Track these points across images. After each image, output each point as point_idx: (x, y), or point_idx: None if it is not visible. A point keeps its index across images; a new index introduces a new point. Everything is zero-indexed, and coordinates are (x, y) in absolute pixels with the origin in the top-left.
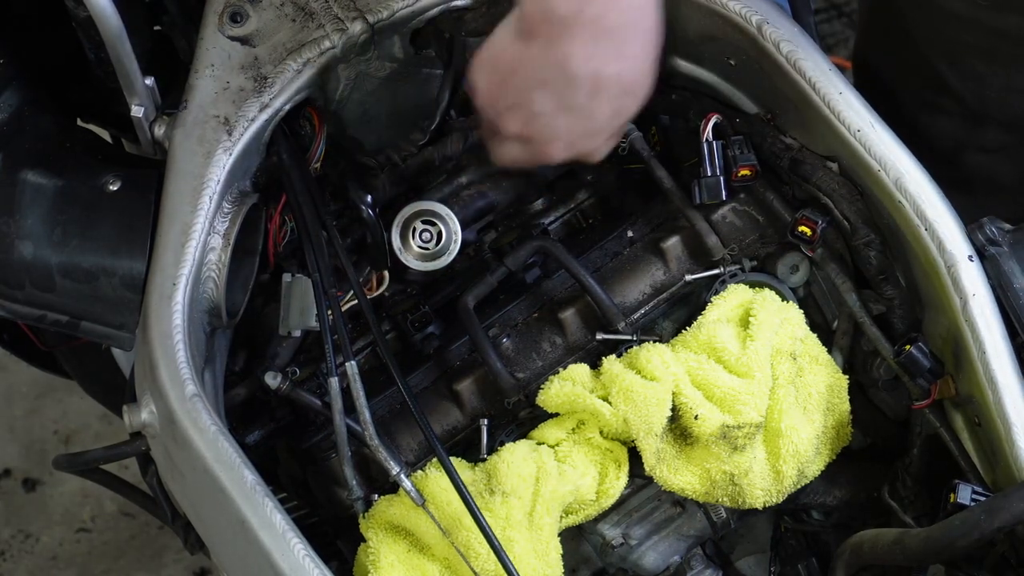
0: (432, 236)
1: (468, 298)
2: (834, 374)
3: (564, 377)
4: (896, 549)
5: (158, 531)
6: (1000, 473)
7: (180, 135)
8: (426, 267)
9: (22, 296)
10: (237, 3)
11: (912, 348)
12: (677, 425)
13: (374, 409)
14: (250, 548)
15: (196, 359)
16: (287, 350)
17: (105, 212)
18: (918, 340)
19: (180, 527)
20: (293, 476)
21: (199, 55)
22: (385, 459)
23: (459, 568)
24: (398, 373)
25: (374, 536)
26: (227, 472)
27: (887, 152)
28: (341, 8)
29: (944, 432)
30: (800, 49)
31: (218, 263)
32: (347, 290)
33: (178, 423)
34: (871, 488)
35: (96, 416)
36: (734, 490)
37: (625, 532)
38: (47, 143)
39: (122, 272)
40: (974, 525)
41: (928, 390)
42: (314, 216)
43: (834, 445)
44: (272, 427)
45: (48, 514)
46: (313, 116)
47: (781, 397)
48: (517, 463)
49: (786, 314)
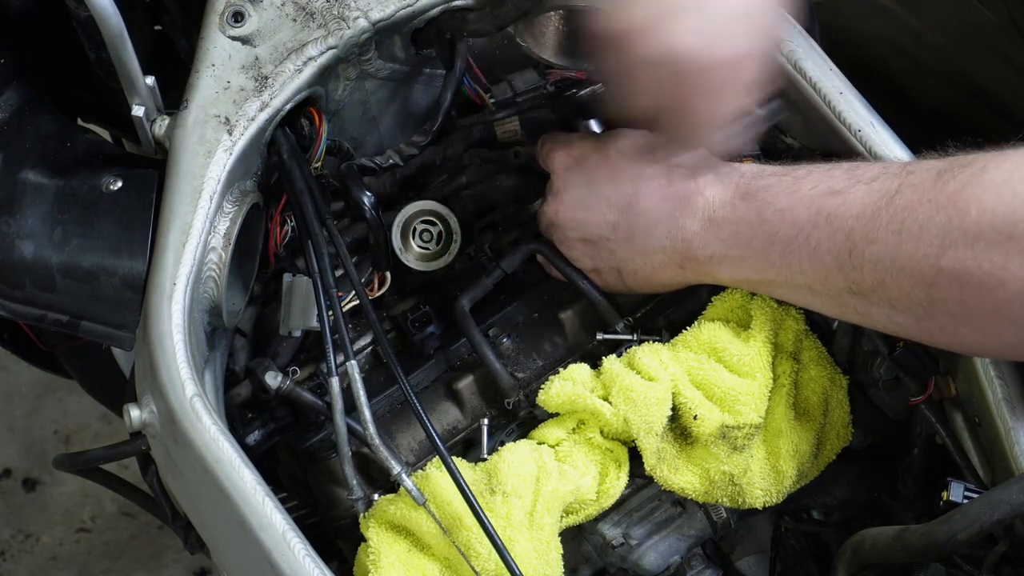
0: (432, 236)
1: (464, 300)
2: (834, 374)
3: (564, 377)
4: (896, 546)
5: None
6: (1000, 473)
7: (181, 135)
8: (426, 267)
9: (22, 296)
10: (238, 3)
11: (907, 344)
12: (677, 425)
13: (374, 409)
14: (250, 548)
15: (196, 359)
16: (287, 350)
17: (105, 212)
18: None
19: (180, 527)
20: (293, 476)
21: (200, 55)
22: (386, 458)
23: (459, 568)
24: (399, 372)
25: (374, 536)
26: (227, 472)
27: (887, 152)
28: (342, 8)
29: (940, 429)
30: (800, 49)
31: (219, 263)
32: (348, 290)
33: (178, 423)
34: (871, 488)
35: (96, 416)
36: (734, 490)
37: (625, 532)
38: (47, 143)
39: (122, 272)
40: (974, 519)
41: (924, 386)
42: (315, 216)
43: (834, 445)
44: (272, 427)
45: (48, 514)
46: (314, 116)
47: (781, 397)
48: (518, 463)
49: (786, 314)
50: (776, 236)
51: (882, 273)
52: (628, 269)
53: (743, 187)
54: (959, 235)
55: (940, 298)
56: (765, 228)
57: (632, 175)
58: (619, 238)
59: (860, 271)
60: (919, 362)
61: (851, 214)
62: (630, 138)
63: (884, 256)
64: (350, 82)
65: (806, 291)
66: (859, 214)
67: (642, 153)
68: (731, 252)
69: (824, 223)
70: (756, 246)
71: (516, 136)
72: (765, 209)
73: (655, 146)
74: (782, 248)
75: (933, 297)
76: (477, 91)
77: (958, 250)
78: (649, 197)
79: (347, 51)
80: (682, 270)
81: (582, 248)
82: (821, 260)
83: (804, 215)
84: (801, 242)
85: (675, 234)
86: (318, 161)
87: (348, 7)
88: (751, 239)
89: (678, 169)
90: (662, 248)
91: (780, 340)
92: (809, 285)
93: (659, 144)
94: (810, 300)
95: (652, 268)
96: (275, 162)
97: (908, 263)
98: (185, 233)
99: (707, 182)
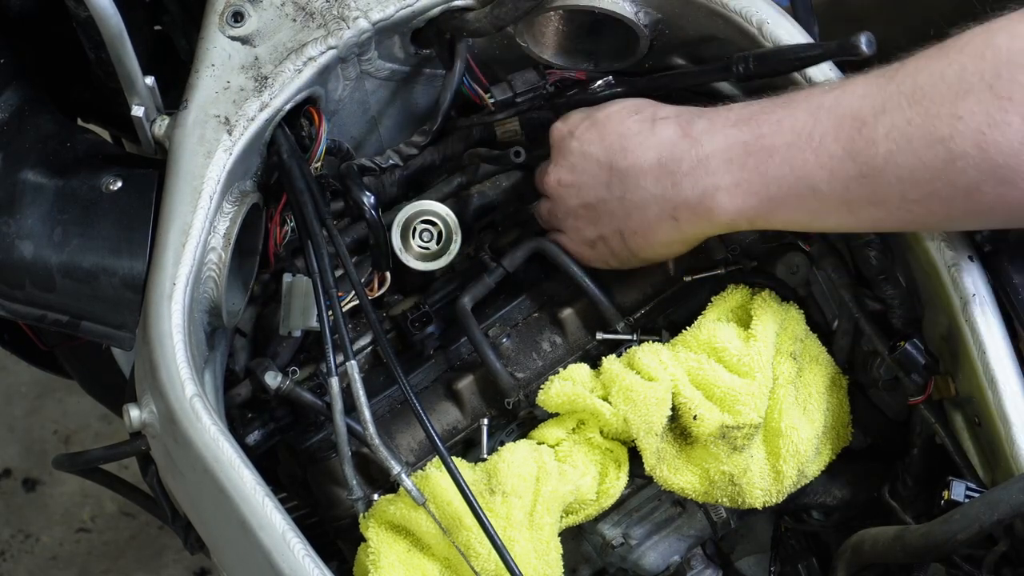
0: (432, 236)
1: (465, 299)
2: (834, 374)
3: (564, 377)
4: (896, 546)
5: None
6: (1000, 473)
7: (180, 135)
8: (426, 267)
9: (22, 296)
10: (238, 3)
11: (907, 344)
12: (677, 425)
13: (374, 409)
14: (250, 548)
15: (196, 359)
16: (287, 350)
17: (105, 212)
18: (913, 337)
19: (180, 527)
20: (293, 476)
21: (199, 55)
22: (386, 458)
23: (459, 568)
24: (399, 372)
25: (374, 536)
26: (227, 472)
27: None
28: (342, 8)
29: (940, 429)
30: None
31: (218, 263)
32: (347, 290)
33: (178, 423)
34: (871, 488)
35: (96, 416)
36: (733, 490)
37: (625, 532)
38: (47, 143)
39: (122, 272)
40: (974, 518)
41: (923, 386)
42: (315, 216)
43: (834, 445)
44: (272, 427)
45: (48, 514)
46: (314, 116)
47: (781, 397)
48: (517, 463)
49: (786, 314)
50: (775, 147)
51: (896, 140)
52: (628, 229)
53: (733, 117)
54: (976, 79)
55: (960, 151)
56: (763, 143)
57: (619, 132)
58: (613, 196)
59: (873, 145)
60: (919, 362)
61: (856, 94)
62: (619, 103)
63: (897, 120)
64: (350, 82)
65: (810, 197)
66: (864, 93)
67: (629, 113)
68: (724, 181)
69: (826, 115)
70: (752, 165)
71: (516, 136)
72: (761, 126)
73: (642, 106)
74: (783, 156)
75: (953, 152)
76: (477, 91)
77: (977, 93)
78: (634, 150)
79: (347, 51)
80: (675, 221)
81: (585, 215)
82: (827, 150)
83: (803, 116)
84: (804, 141)
85: (664, 181)
86: (318, 161)
87: (348, 7)
88: (745, 160)
89: (663, 120)
90: (653, 199)
91: (780, 340)
92: (814, 187)
93: (646, 104)
94: (815, 209)
95: (649, 224)
96: (275, 162)
97: (923, 120)
98: (185, 233)
99: (692, 124)
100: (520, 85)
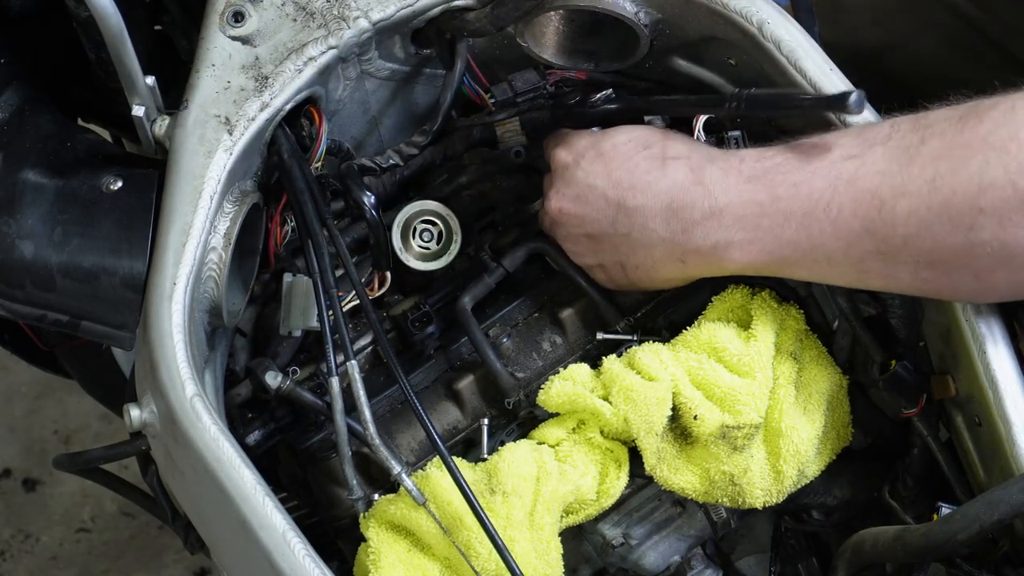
0: (432, 236)
1: (465, 299)
2: (834, 374)
3: (564, 377)
4: (897, 546)
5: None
6: (1000, 473)
7: (181, 135)
8: (426, 267)
9: (22, 296)
10: (238, 3)
11: (897, 366)
12: (677, 425)
13: (374, 409)
14: (250, 548)
15: (196, 359)
16: (287, 350)
17: (105, 212)
18: (904, 358)
19: (180, 527)
20: (293, 476)
21: (200, 55)
22: (386, 458)
23: (460, 568)
24: (399, 372)
25: (375, 536)
26: (227, 472)
27: None
28: (342, 8)
29: (931, 443)
30: (800, 49)
31: (219, 263)
32: (348, 290)
33: (178, 423)
34: (871, 488)
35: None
36: (734, 490)
37: (625, 532)
38: (47, 143)
39: (123, 272)
40: (974, 518)
41: (916, 401)
42: (315, 216)
43: (834, 445)
44: (272, 427)
45: (48, 514)
46: (314, 116)
47: (781, 397)
48: (518, 463)
49: (786, 314)
50: (792, 212)
51: (916, 225)
52: (631, 264)
53: (747, 171)
54: (1000, 173)
55: (980, 240)
56: (779, 206)
57: (627, 169)
58: (619, 233)
59: (891, 227)
60: (909, 384)
61: (875, 171)
62: (626, 133)
63: (918, 206)
64: (350, 82)
65: (824, 263)
66: (884, 171)
67: (638, 147)
68: (737, 237)
69: (845, 188)
70: (767, 226)
71: (516, 136)
72: (777, 187)
73: (651, 141)
74: (799, 223)
75: (972, 241)
76: (477, 91)
77: (999, 189)
78: (644, 190)
79: (347, 51)
80: (683, 264)
81: (586, 244)
82: (846, 225)
83: (821, 185)
84: (821, 212)
85: (673, 226)
86: (318, 161)
87: (348, 7)
88: (760, 220)
89: (673, 161)
90: (661, 241)
91: (780, 340)
92: (829, 256)
93: (655, 139)
94: (826, 272)
95: (653, 262)
96: (275, 162)
97: (945, 209)
98: (185, 233)
99: (704, 170)
100: (520, 85)
